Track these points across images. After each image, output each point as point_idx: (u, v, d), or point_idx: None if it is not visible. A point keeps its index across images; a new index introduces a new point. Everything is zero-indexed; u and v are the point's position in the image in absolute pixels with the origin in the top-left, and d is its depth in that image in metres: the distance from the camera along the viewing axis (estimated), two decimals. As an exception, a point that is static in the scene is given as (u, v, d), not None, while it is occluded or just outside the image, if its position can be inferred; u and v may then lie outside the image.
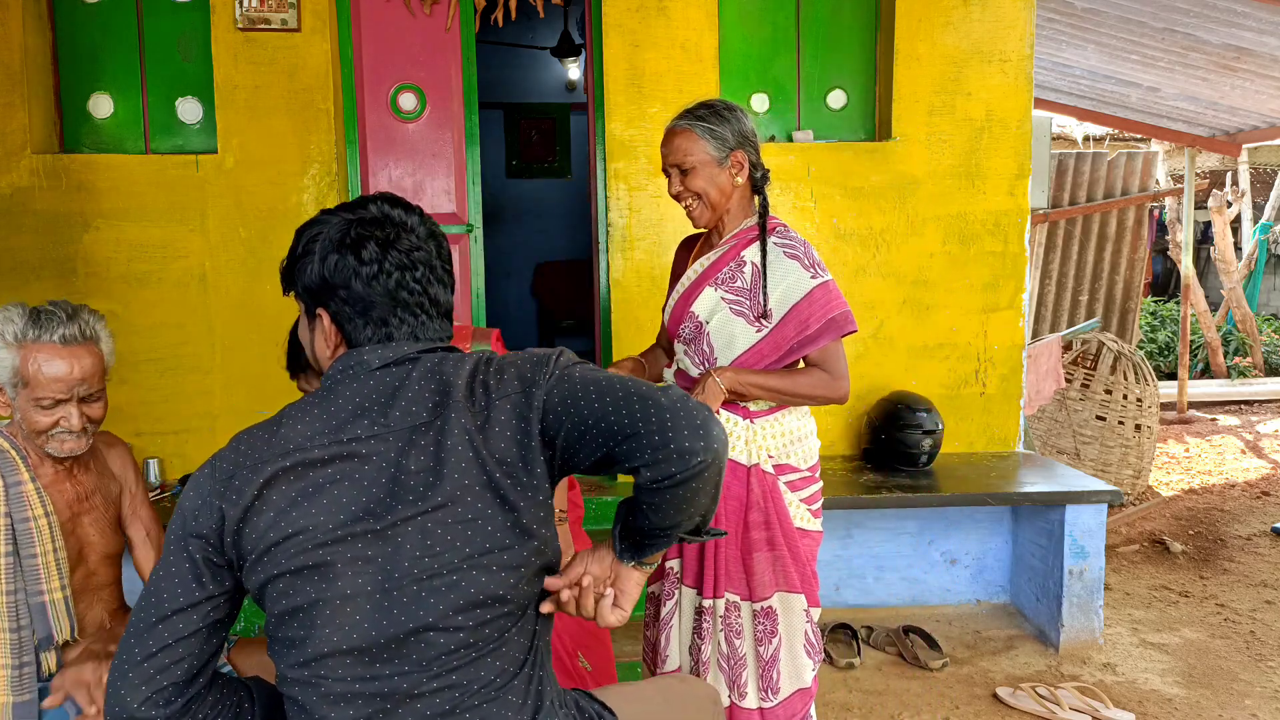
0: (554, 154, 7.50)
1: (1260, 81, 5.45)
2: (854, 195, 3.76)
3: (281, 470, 1.20)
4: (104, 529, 1.91)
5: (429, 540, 1.20)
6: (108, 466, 1.98)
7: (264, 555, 1.19)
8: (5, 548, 1.73)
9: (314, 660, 1.20)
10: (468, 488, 1.21)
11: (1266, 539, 4.52)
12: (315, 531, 1.19)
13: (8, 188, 3.55)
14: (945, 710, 2.91)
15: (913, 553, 3.71)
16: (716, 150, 2.02)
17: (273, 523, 1.19)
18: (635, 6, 3.64)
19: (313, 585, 1.19)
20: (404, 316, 1.30)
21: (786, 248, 2.04)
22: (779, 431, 2.09)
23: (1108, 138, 9.38)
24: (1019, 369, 3.85)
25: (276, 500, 1.20)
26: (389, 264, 1.28)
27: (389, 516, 1.20)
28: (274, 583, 1.20)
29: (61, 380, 1.74)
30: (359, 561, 1.19)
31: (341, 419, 1.24)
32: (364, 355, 1.28)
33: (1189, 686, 3.05)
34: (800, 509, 2.11)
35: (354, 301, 1.29)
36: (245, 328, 3.65)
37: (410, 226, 1.32)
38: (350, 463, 1.21)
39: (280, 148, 3.62)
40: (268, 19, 3.57)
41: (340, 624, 1.19)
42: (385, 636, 1.19)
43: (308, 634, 1.19)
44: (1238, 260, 9.74)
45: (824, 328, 2.00)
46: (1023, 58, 3.74)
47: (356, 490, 1.21)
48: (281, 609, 1.20)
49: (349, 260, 1.28)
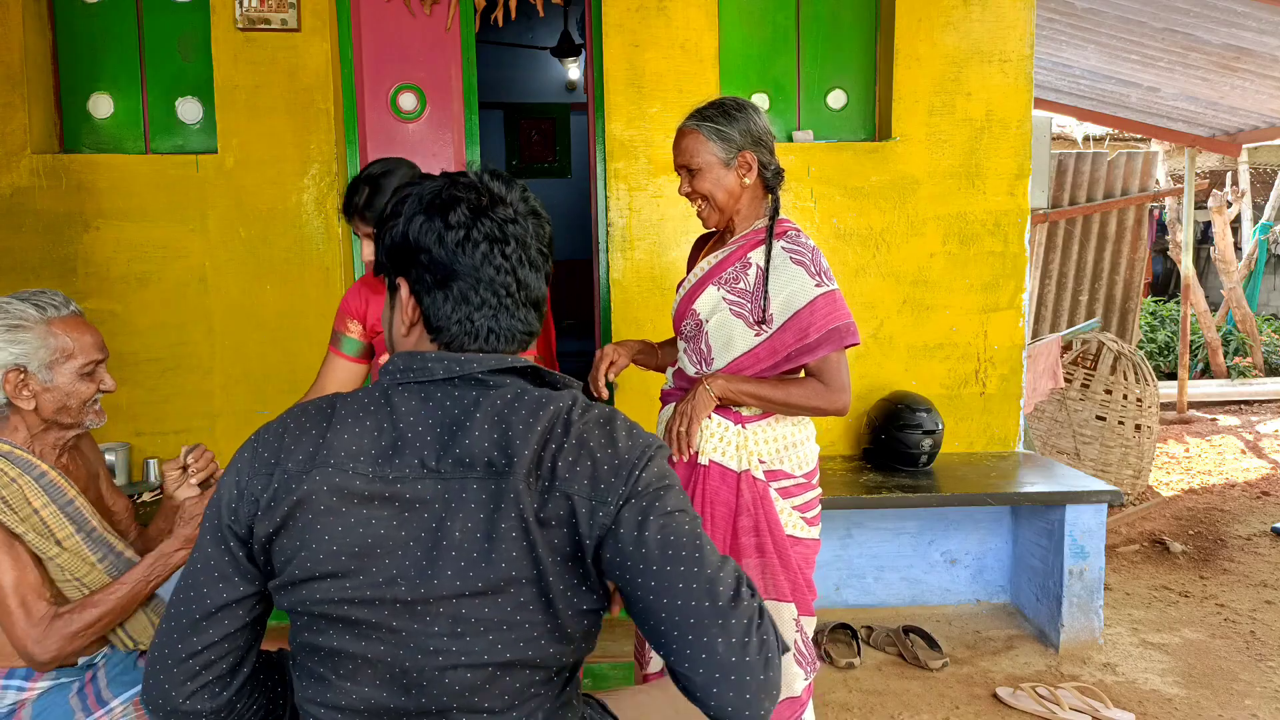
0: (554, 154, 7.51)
1: (1260, 81, 5.45)
2: (854, 195, 3.76)
3: (320, 492, 1.10)
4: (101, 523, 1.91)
5: (460, 628, 1.09)
6: (89, 460, 2.00)
7: (291, 586, 1.12)
8: (71, 528, 1.76)
9: (332, 705, 1.14)
10: (514, 579, 1.09)
11: (1266, 539, 4.52)
12: (344, 581, 1.10)
13: (8, 188, 3.55)
14: (945, 710, 2.91)
15: (913, 553, 3.71)
16: (723, 152, 1.99)
17: (301, 553, 1.10)
18: (635, 6, 3.65)
19: (336, 634, 1.12)
20: (486, 296, 1.17)
21: (794, 253, 2.00)
22: (772, 437, 2.06)
23: (1108, 138, 9.38)
24: (1019, 369, 3.85)
25: (311, 525, 1.10)
26: (477, 232, 1.16)
27: (423, 590, 1.09)
28: (297, 615, 1.15)
29: (95, 343, 1.82)
30: (384, 629, 1.10)
31: (393, 441, 1.13)
32: (428, 361, 1.16)
33: (1189, 686, 3.05)
34: (793, 516, 2.08)
35: (435, 268, 1.16)
36: (245, 328, 3.65)
37: (508, 200, 1.20)
38: (392, 507, 1.10)
39: (280, 148, 3.62)
40: (268, 19, 3.57)
41: (360, 683, 1.12)
42: (404, 709, 1.12)
43: (327, 675, 1.14)
44: (1238, 260, 9.74)
45: (824, 338, 1.97)
46: (1023, 58, 3.74)
47: (395, 545, 1.10)
48: (303, 640, 1.15)
49: (435, 223, 1.16)
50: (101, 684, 1.80)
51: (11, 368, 1.74)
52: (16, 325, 1.74)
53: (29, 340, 1.74)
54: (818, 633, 3.40)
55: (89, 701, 1.78)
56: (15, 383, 1.74)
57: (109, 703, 1.79)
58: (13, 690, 1.75)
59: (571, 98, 7.43)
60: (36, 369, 1.75)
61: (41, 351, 1.75)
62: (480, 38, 4.12)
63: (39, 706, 1.76)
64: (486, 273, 1.17)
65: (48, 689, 1.77)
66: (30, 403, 1.76)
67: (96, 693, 1.79)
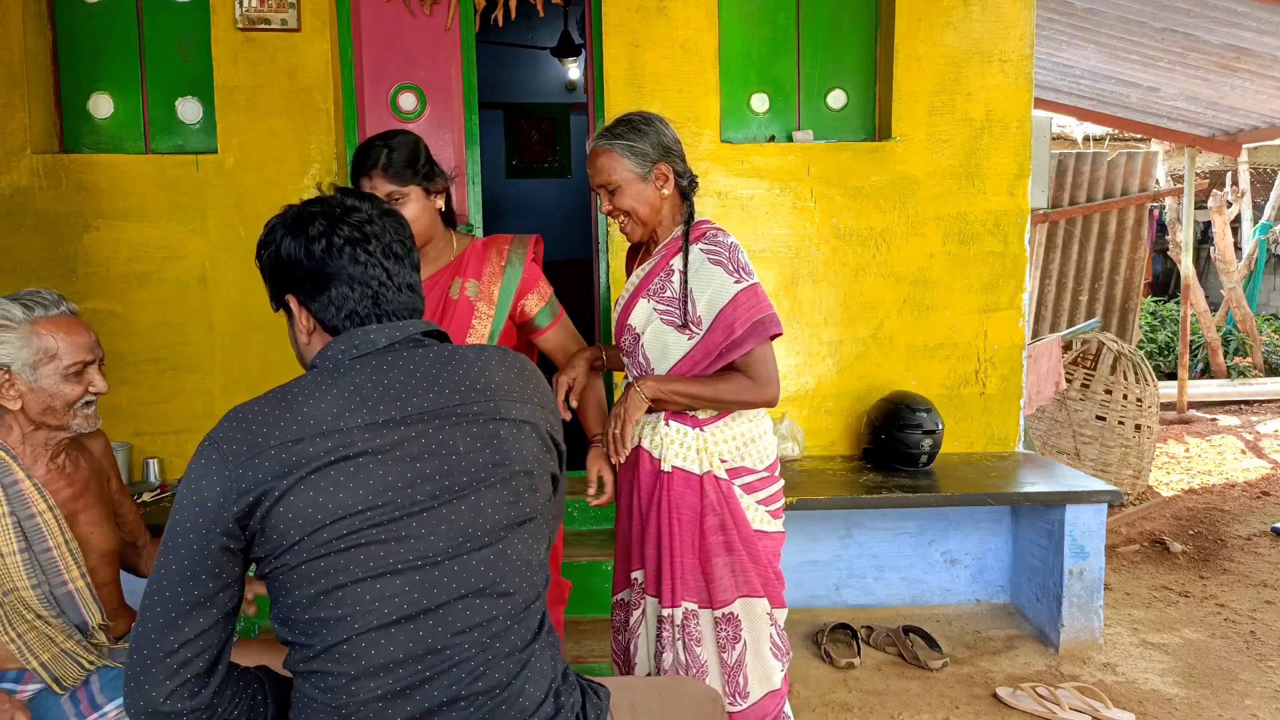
0: (554, 154, 7.51)
1: (1260, 81, 5.45)
2: (854, 195, 3.76)
3: (318, 457, 1.19)
4: (101, 525, 1.90)
5: (477, 514, 1.26)
6: (96, 460, 1.97)
7: (305, 538, 1.18)
8: (18, 544, 1.72)
9: (351, 637, 1.20)
10: (527, 459, 1.32)
11: (1266, 539, 4.52)
12: (365, 510, 1.20)
13: (8, 188, 3.55)
14: (945, 710, 2.91)
15: (913, 553, 3.71)
16: (638, 166, 2.02)
17: (315, 504, 1.18)
18: (635, 6, 3.65)
19: (358, 564, 1.20)
20: (362, 290, 1.31)
21: (711, 254, 2.03)
22: (730, 436, 2.08)
23: (1108, 138, 9.38)
24: (1019, 369, 3.85)
25: (317, 481, 1.19)
26: (338, 238, 1.31)
27: (444, 494, 1.25)
28: (314, 562, 1.19)
29: (84, 344, 1.79)
30: (411, 539, 1.22)
31: (365, 400, 1.25)
32: (370, 334, 1.30)
33: (1189, 686, 3.05)
34: (758, 511, 2.10)
35: (311, 277, 1.31)
36: (245, 328, 3.65)
37: (360, 207, 1.35)
38: (386, 452, 1.23)
39: (280, 148, 3.62)
40: (268, 19, 3.57)
41: (389, 595, 1.21)
42: (431, 603, 1.23)
43: (348, 610, 1.20)
44: (1238, 260, 9.74)
45: (749, 331, 1.99)
46: (1023, 58, 3.74)
47: (397, 480, 1.22)
48: (319, 588, 1.20)
49: (300, 239, 1.32)
50: (95, 688, 1.80)
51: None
52: (2, 325, 1.73)
53: (12, 340, 1.73)
54: (817, 632, 3.40)
55: (81, 706, 1.77)
56: (0, 382, 1.73)
57: (103, 706, 1.78)
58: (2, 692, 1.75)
59: (571, 98, 7.43)
60: (20, 369, 1.73)
61: (25, 351, 1.73)
62: (480, 38, 4.12)
63: (30, 710, 1.75)
64: (356, 271, 1.31)
65: (39, 691, 1.77)
66: (16, 403, 1.75)
67: (89, 697, 1.78)
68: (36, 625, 1.74)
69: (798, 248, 3.77)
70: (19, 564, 1.72)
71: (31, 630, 1.74)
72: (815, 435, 3.84)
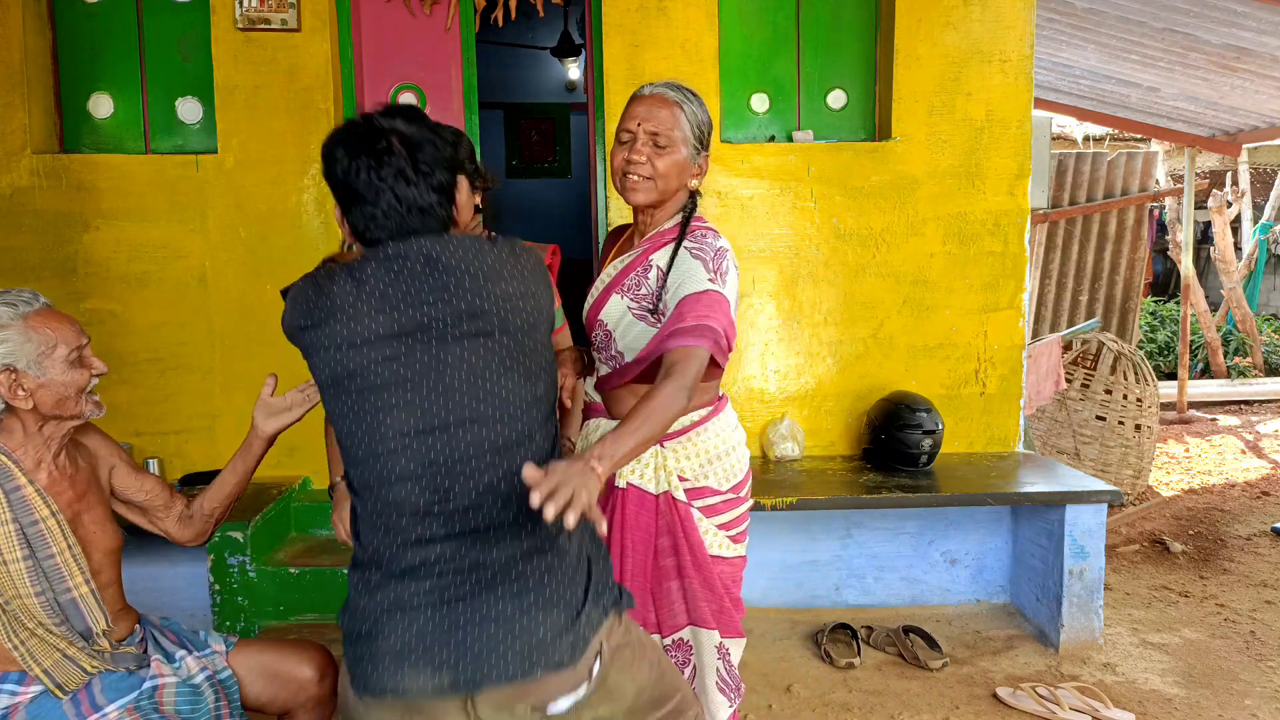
0: (554, 154, 7.51)
1: (1260, 81, 5.45)
2: (854, 195, 3.76)
3: (338, 337, 1.48)
4: (103, 524, 1.89)
5: (475, 357, 1.49)
6: (93, 456, 1.95)
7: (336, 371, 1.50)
8: (21, 552, 1.72)
9: (375, 439, 1.47)
10: (510, 321, 1.51)
11: (1266, 539, 4.52)
12: (381, 368, 1.48)
13: (8, 188, 3.55)
14: (945, 710, 2.91)
15: (913, 553, 3.71)
16: (693, 142, 1.91)
17: (335, 365, 1.49)
18: (635, 6, 3.65)
19: (379, 392, 1.48)
20: (380, 206, 1.52)
21: (695, 249, 1.86)
22: (694, 452, 1.91)
23: (1108, 138, 9.38)
24: (1019, 369, 3.85)
25: (337, 354, 1.49)
26: (359, 161, 1.51)
27: (446, 333, 1.48)
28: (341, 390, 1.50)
29: (74, 330, 1.80)
30: (423, 371, 1.47)
31: (383, 295, 1.49)
32: (388, 249, 1.52)
33: (1189, 686, 3.05)
34: (718, 536, 1.94)
35: (341, 193, 1.56)
36: (245, 328, 3.65)
37: (388, 130, 1.53)
38: (400, 338, 1.47)
39: (280, 148, 3.62)
40: (268, 19, 3.57)
41: (406, 410, 1.46)
42: (445, 420, 1.46)
43: (372, 421, 1.47)
44: (1238, 260, 9.74)
45: (692, 329, 1.73)
46: (1023, 58, 3.74)
47: (408, 356, 1.47)
48: (348, 408, 1.50)
49: (331, 159, 1.55)
50: (96, 689, 1.79)
51: (1, 369, 1.70)
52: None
53: (12, 338, 1.71)
54: (817, 632, 3.40)
55: (83, 707, 1.77)
56: (8, 384, 1.71)
57: (104, 708, 1.78)
58: (5, 695, 1.75)
59: (571, 98, 7.43)
60: (26, 366, 1.72)
61: (27, 347, 1.72)
62: (480, 38, 4.12)
63: (32, 711, 1.75)
64: (370, 193, 1.52)
65: (41, 693, 1.77)
66: (28, 401, 1.73)
67: (91, 698, 1.78)
68: (38, 633, 1.74)
69: (798, 248, 3.77)
70: (22, 571, 1.72)
71: (33, 637, 1.74)
72: (815, 435, 3.84)
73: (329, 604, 3.28)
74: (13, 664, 1.75)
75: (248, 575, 3.24)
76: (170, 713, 1.85)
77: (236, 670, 1.97)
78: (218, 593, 3.24)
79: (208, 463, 3.68)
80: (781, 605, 3.68)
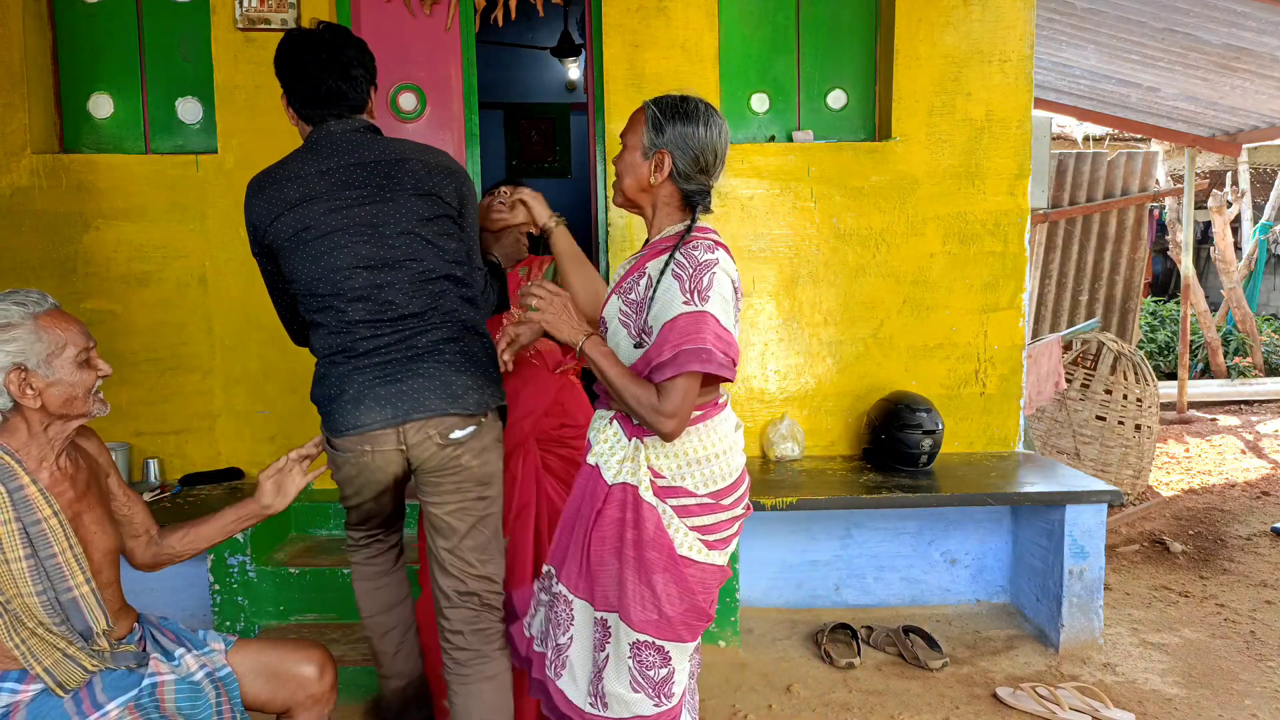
0: (554, 154, 7.51)
1: (1260, 81, 5.45)
2: (854, 195, 3.76)
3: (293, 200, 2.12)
4: (103, 524, 1.90)
5: (402, 212, 2.11)
6: (93, 458, 1.97)
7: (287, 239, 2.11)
8: (23, 550, 1.72)
9: (332, 272, 2.09)
10: (428, 192, 2.14)
11: (1266, 539, 4.52)
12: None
13: (8, 188, 3.55)
14: (945, 710, 2.91)
15: (913, 553, 3.71)
16: (648, 141, 1.94)
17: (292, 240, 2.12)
18: (635, 6, 3.65)
19: (327, 240, 2.10)
20: (312, 91, 2.13)
21: (677, 266, 1.85)
22: (675, 451, 1.89)
23: (1108, 138, 9.39)
24: (1019, 369, 3.85)
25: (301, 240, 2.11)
26: (296, 58, 2.13)
27: (376, 193, 2.11)
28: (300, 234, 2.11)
29: (81, 330, 1.83)
30: (359, 224, 2.10)
31: (326, 167, 2.12)
32: (330, 128, 2.16)
33: (1189, 686, 3.05)
34: (689, 536, 1.89)
35: (285, 80, 2.16)
36: (245, 328, 3.65)
37: (322, 34, 2.13)
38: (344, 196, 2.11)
39: (280, 148, 3.57)
40: (268, 19, 3.57)
41: (353, 249, 2.09)
42: (380, 260, 2.09)
43: (333, 256, 2.09)
44: (1238, 260, 9.74)
45: (671, 360, 1.79)
46: (1023, 58, 3.74)
47: (351, 217, 2.11)
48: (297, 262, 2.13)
49: (286, 56, 2.15)
50: (96, 688, 1.79)
51: (11, 368, 1.72)
52: (6, 324, 1.73)
53: (23, 338, 1.73)
54: (817, 632, 3.40)
55: (84, 705, 1.77)
56: (18, 382, 1.73)
57: (104, 705, 1.78)
58: (5, 693, 1.75)
59: (571, 98, 7.43)
60: (36, 365, 1.74)
61: (37, 346, 1.74)
62: (480, 38, 4.12)
63: (33, 710, 1.75)
64: (310, 78, 2.13)
65: (42, 691, 1.77)
66: (36, 401, 1.75)
67: (91, 696, 1.78)
68: (39, 632, 1.74)
69: (798, 248, 3.77)
70: (24, 570, 1.72)
71: (34, 636, 1.74)
72: (815, 435, 3.84)
73: (329, 604, 3.29)
74: (13, 662, 1.75)
75: (247, 575, 3.25)
76: (171, 710, 1.86)
77: (236, 669, 1.97)
78: (217, 593, 3.24)
79: (207, 463, 3.68)
80: (781, 605, 3.68)
